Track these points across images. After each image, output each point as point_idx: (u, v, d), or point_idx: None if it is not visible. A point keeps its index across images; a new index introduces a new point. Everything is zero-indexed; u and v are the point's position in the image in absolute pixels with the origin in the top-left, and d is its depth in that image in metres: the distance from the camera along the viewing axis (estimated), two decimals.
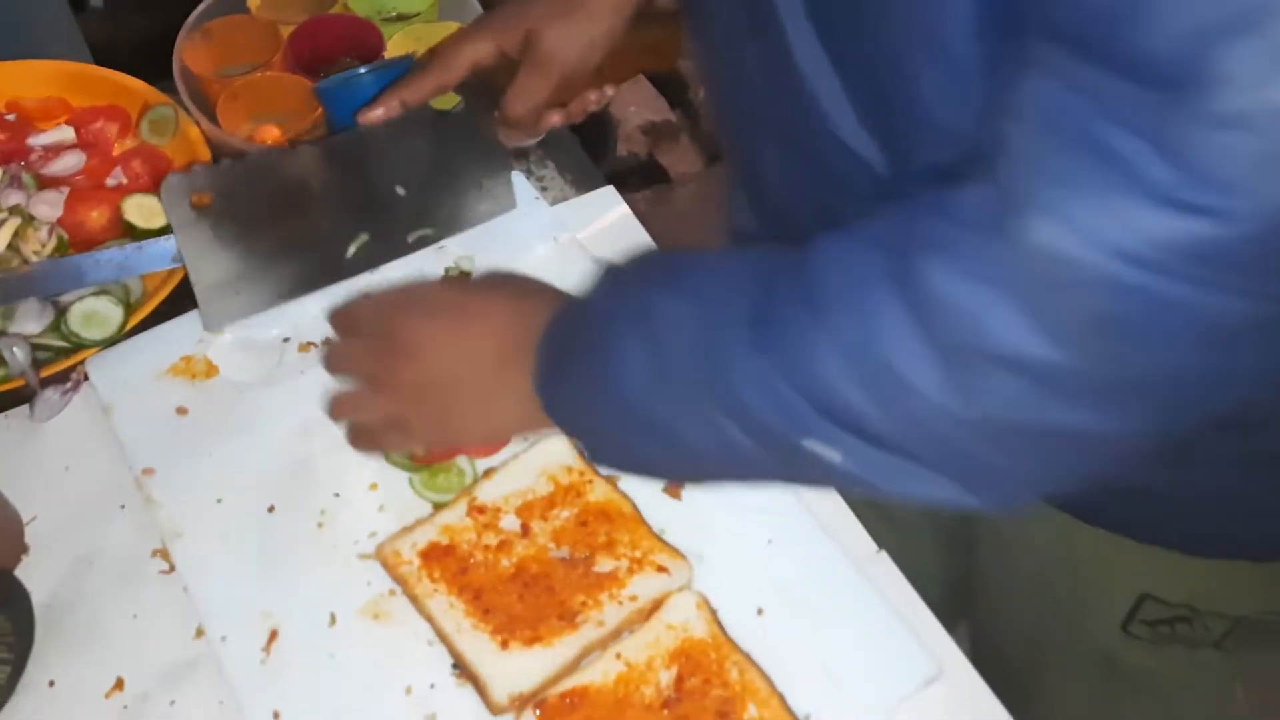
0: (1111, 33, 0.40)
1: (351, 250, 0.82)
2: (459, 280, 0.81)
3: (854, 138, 0.58)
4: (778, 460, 0.53)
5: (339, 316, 0.71)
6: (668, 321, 0.54)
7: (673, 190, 2.15)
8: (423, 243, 0.84)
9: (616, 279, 0.61)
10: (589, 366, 0.57)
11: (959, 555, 0.89)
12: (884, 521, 0.72)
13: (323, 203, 0.79)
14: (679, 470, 0.60)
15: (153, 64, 1.12)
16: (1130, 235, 0.40)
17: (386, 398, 0.66)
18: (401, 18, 1.03)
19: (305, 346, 0.79)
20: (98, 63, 1.27)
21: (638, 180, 2.17)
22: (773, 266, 0.52)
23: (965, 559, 0.89)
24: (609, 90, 0.85)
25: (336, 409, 0.69)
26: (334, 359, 0.69)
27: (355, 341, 0.69)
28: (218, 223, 0.76)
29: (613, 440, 0.59)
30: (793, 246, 0.52)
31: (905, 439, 0.49)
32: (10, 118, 0.92)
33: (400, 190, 0.82)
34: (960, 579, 0.89)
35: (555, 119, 0.84)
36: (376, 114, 0.79)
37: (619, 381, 0.55)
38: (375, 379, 0.67)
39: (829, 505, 0.70)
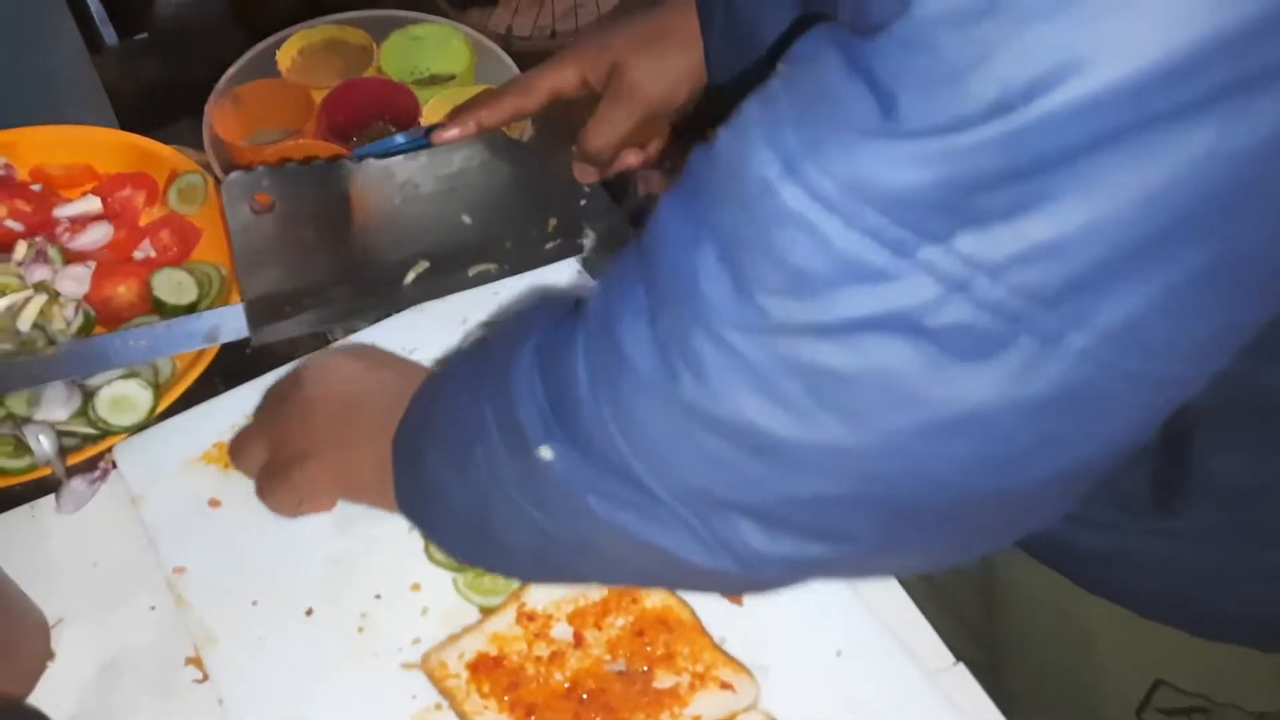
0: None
1: (410, 278, 0.78)
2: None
3: None
4: (516, 471, 0.49)
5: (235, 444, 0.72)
6: (489, 341, 0.55)
7: None
8: (483, 278, 0.81)
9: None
10: (427, 400, 0.59)
11: (977, 596, 0.85)
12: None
13: (385, 222, 0.76)
14: (454, 496, 0.55)
15: (171, 106, 1.10)
16: (828, 173, 0.37)
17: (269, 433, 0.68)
18: (435, 79, 1.00)
19: None
20: (115, 109, 1.26)
21: None
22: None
23: (984, 600, 0.85)
24: None
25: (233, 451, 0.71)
26: (234, 448, 0.71)
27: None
28: (276, 228, 0.72)
29: (415, 451, 0.58)
30: None
31: (617, 433, 0.44)
32: (35, 188, 0.89)
33: (466, 219, 0.79)
34: (980, 619, 0.85)
35: (632, 159, 0.81)
36: (451, 134, 0.75)
37: (438, 387, 0.58)
38: (265, 424, 0.69)
39: (899, 611, 0.66)
